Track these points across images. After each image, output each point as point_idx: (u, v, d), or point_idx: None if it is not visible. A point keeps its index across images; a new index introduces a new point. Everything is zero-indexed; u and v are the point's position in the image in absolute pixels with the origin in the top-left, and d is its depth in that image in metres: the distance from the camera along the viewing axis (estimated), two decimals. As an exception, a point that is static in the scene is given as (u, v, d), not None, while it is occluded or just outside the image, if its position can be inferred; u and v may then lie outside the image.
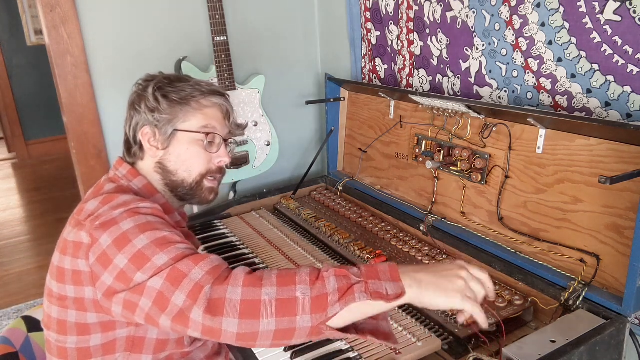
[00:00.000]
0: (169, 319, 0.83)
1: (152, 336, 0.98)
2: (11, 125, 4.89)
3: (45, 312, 0.99)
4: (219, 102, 1.12)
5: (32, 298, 2.61)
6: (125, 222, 0.91)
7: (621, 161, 1.00)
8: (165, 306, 0.83)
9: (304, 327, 0.80)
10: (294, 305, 0.79)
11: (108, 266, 0.88)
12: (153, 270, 0.85)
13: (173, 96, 1.07)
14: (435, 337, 1.01)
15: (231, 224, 1.61)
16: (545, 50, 1.19)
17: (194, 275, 0.83)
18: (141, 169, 1.11)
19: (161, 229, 0.92)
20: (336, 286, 0.80)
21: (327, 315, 0.79)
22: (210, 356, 1.12)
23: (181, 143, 1.08)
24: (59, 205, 3.85)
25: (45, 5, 1.58)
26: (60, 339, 0.96)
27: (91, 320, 0.93)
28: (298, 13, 2.03)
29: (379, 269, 0.83)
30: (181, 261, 0.86)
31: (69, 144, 1.74)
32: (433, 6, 1.46)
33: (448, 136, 1.38)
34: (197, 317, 0.80)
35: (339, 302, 0.79)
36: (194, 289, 0.82)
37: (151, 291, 0.84)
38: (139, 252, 0.87)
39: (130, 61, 1.74)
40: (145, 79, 1.12)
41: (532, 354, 0.86)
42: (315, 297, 0.80)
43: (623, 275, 0.98)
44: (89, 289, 0.91)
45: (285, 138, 2.04)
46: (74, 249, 0.92)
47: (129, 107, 1.12)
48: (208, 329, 0.80)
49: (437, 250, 1.34)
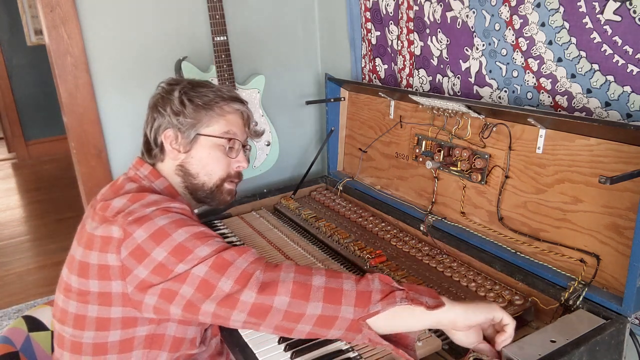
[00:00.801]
0: (214, 303, 0.86)
1: (171, 333, 0.99)
2: (11, 125, 4.89)
3: (59, 307, 0.99)
4: (241, 108, 1.16)
5: (33, 298, 2.61)
6: (160, 219, 0.93)
7: (621, 161, 1.00)
8: (210, 292, 0.86)
9: (346, 317, 0.85)
10: (340, 295, 0.85)
11: (143, 260, 0.90)
12: (196, 260, 0.88)
13: (198, 101, 1.10)
14: (435, 337, 1.01)
15: (231, 224, 1.61)
16: (545, 50, 1.19)
17: (239, 264, 0.88)
18: (161, 170, 1.13)
19: (197, 225, 0.96)
20: (379, 287, 0.87)
21: (369, 311, 0.84)
22: (213, 356, 1.13)
23: (203, 147, 1.11)
24: (59, 205, 3.85)
25: (45, 5, 1.58)
26: (76, 334, 0.96)
27: (114, 314, 0.94)
28: (298, 13, 2.03)
29: (419, 288, 0.90)
30: (225, 251, 0.90)
31: (69, 144, 1.74)
32: (433, 6, 1.46)
33: (448, 136, 1.38)
34: (248, 298, 0.85)
35: (381, 301, 0.85)
36: (241, 276, 0.86)
37: (194, 278, 0.87)
38: (179, 245, 0.90)
39: (131, 61, 1.74)
40: (169, 82, 1.15)
41: (532, 354, 0.86)
42: (360, 292, 0.86)
43: (623, 275, 0.98)
44: (117, 283, 0.92)
45: (285, 138, 2.04)
46: (102, 244, 0.93)
47: (151, 109, 1.13)
48: (258, 306, 0.85)
49: (437, 250, 1.34)
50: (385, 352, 0.98)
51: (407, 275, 1.24)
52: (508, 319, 0.90)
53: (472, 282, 1.18)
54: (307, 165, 1.84)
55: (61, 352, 1.00)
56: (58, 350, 1.02)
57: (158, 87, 1.15)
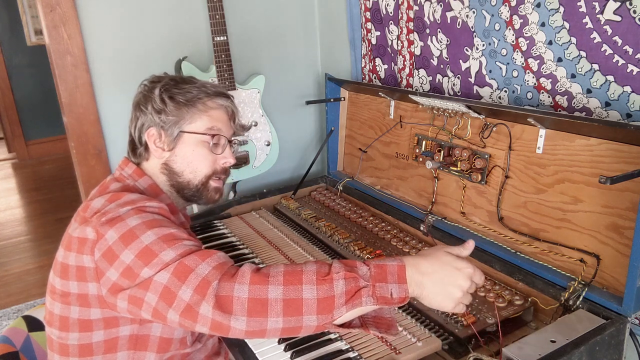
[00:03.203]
0: (177, 313, 0.83)
1: (156, 334, 0.98)
2: (11, 125, 4.89)
3: (47, 309, 1.00)
4: (225, 103, 1.14)
5: (32, 298, 2.61)
6: (132, 219, 0.92)
7: (621, 161, 1.00)
8: (172, 301, 0.83)
9: (310, 325, 0.81)
10: (300, 305, 0.80)
11: (114, 262, 0.88)
12: (160, 266, 0.86)
13: (179, 98, 1.08)
14: (435, 337, 1.01)
15: (231, 224, 1.61)
16: (545, 50, 1.19)
17: (200, 270, 0.84)
18: (146, 169, 1.12)
19: (168, 226, 0.93)
20: (344, 289, 0.81)
21: (333, 317, 0.80)
22: (210, 356, 1.12)
23: (187, 144, 1.09)
24: (59, 205, 3.85)
25: (45, 5, 1.58)
26: (62, 336, 0.96)
27: (94, 316, 0.93)
28: (298, 13, 2.02)
29: (387, 269, 0.83)
30: (188, 256, 0.86)
31: (69, 144, 1.74)
32: (433, 6, 1.46)
33: (448, 136, 1.38)
34: (206, 312, 0.80)
35: (346, 305, 0.80)
36: (201, 284, 0.82)
37: (157, 286, 0.85)
38: (145, 248, 0.88)
39: (130, 61, 1.74)
40: (151, 80, 1.13)
41: (532, 354, 0.86)
42: (322, 298, 0.80)
43: (623, 275, 0.98)
44: (92, 285, 0.92)
45: (285, 138, 2.04)
46: (79, 245, 0.93)
47: (134, 107, 1.12)
48: (217, 324, 0.81)
49: (437, 250, 1.34)
50: (386, 352, 0.98)
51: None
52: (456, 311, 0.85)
53: (472, 282, 1.18)
54: (307, 165, 1.84)
55: (52, 354, 1.00)
56: (49, 352, 1.02)
57: (140, 86, 1.13)
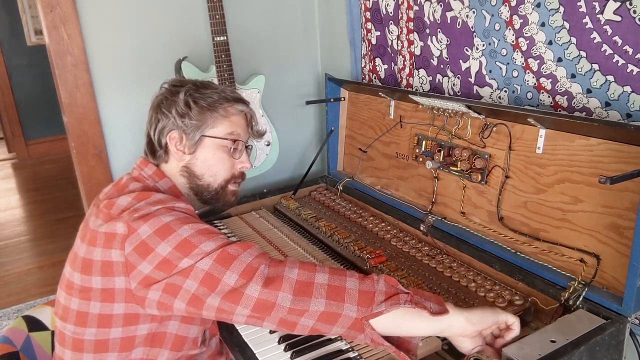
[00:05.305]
0: (219, 297, 0.86)
1: (172, 332, 0.99)
2: (11, 125, 4.89)
3: (61, 304, 1.00)
4: (244, 109, 1.17)
5: (32, 298, 2.61)
6: (165, 216, 0.95)
7: (621, 161, 1.00)
8: (215, 286, 0.87)
9: (349, 315, 0.86)
10: (343, 292, 0.87)
11: (147, 255, 0.90)
12: (201, 255, 0.89)
13: (202, 102, 1.10)
14: (435, 337, 1.01)
15: (231, 224, 1.61)
16: (545, 50, 1.19)
17: (244, 258, 0.89)
18: (166, 171, 1.13)
19: (201, 222, 0.97)
20: (384, 289, 0.88)
21: (372, 311, 0.85)
22: (213, 355, 1.13)
23: (208, 148, 1.11)
24: (59, 205, 3.85)
25: (45, 5, 1.58)
26: (78, 331, 0.96)
27: (117, 311, 0.94)
28: (298, 13, 2.02)
29: (425, 293, 0.91)
30: (229, 246, 0.91)
31: (69, 144, 1.74)
32: (433, 6, 1.46)
33: (448, 136, 1.38)
34: (253, 292, 0.85)
35: (385, 302, 0.86)
36: (246, 269, 0.87)
37: (198, 272, 0.88)
38: (184, 240, 0.90)
39: (131, 61, 1.74)
40: (173, 83, 1.14)
41: (532, 354, 0.86)
42: (363, 291, 0.87)
43: (623, 275, 0.99)
44: (120, 279, 0.92)
45: (285, 138, 2.04)
46: (106, 240, 0.93)
47: (154, 109, 1.13)
48: (262, 303, 0.85)
49: (437, 251, 1.34)
50: (385, 352, 0.98)
51: (407, 275, 1.24)
52: (512, 318, 0.92)
53: (472, 282, 1.18)
54: (307, 165, 1.84)
55: (62, 349, 1.00)
56: (59, 348, 1.02)
57: (161, 88, 1.15)
